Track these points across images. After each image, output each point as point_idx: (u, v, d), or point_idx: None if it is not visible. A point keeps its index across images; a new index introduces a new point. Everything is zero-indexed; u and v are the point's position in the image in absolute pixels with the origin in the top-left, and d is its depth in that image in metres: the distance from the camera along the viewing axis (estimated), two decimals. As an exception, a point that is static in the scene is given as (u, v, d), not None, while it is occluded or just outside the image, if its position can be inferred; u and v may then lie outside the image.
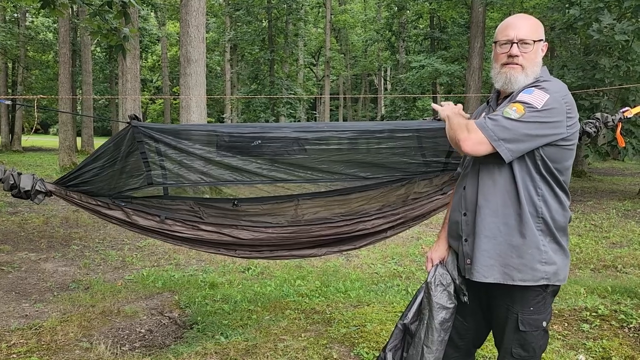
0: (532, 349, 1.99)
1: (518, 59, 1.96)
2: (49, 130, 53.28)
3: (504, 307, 2.01)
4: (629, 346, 3.49)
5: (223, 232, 3.08)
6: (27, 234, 7.42)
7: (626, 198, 11.80)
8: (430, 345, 2.08)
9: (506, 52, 1.98)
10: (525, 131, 1.83)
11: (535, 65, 1.98)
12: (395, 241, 7.03)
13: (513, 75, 1.97)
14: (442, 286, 2.12)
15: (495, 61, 2.04)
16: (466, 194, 2.05)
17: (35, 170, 15.75)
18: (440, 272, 2.15)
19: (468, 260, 2.03)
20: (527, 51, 1.96)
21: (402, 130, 3.23)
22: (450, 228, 2.18)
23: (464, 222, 2.05)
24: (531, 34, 1.97)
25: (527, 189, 1.93)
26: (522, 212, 1.92)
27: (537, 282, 1.94)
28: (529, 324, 1.97)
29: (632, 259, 6.34)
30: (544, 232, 1.95)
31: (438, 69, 21.08)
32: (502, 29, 2.01)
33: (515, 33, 1.96)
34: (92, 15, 6.28)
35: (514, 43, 1.96)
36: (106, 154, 2.94)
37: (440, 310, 2.09)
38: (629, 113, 2.68)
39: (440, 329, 2.09)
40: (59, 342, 3.66)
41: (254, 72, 26.07)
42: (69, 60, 17.93)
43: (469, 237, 2.03)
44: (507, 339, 2.01)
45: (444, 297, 2.10)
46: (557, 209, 1.97)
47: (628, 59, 9.84)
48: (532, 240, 1.93)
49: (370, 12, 36.89)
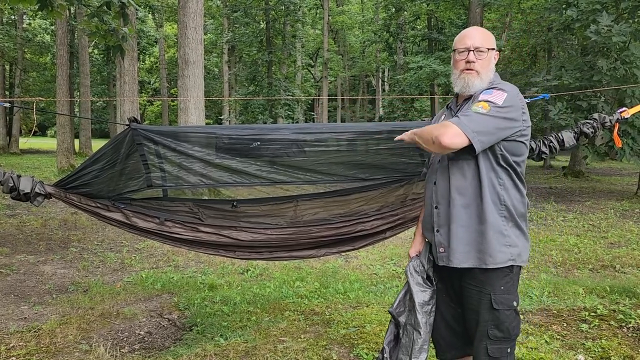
0: (507, 329, 2.13)
1: (474, 65, 2.18)
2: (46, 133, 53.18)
3: (476, 290, 2.17)
4: (627, 346, 3.50)
5: (222, 233, 3.08)
6: (26, 236, 7.41)
7: (624, 198, 11.83)
8: (419, 329, 2.29)
9: (464, 58, 2.20)
10: (493, 124, 2.04)
11: (489, 71, 2.21)
12: (394, 242, 7.04)
13: (470, 80, 2.19)
14: (417, 273, 2.37)
15: (455, 67, 2.26)
16: (437, 189, 2.24)
17: (33, 173, 15.74)
18: (415, 262, 2.41)
19: (442, 249, 2.23)
20: (482, 58, 2.19)
21: (400, 132, 3.23)
22: (424, 221, 2.39)
23: (436, 214, 2.25)
24: (485, 43, 2.20)
25: (490, 180, 2.13)
26: (488, 201, 2.12)
27: (505, 264, 2.13)
28: (501, 302, 2.13)
29: (630, 258, 6.35)
30: (507, 218, 2.14)
31: (436, 70, 21.09)
32: (460, 39, 2.25)
33: (472, 42, 2.20)
34: (90, 17, 6.28)
35: (470, 50, 2.19)
36: (105, 156, 2.94)
37: (419, 294, 2.32)
38: (626, 113, 2.69)
39: (422, 311, 2.30)
40: (58, 344, 3.66)
41: (252, 74, 26.05)
42: (67, 63, 17.92)
43: (441, 228, 2.23)
44: (482, 321, 2.14)
45: (420, 281, 2.35)
46: (517, 196, 2.17)
47: (626, 61, 9.86)
48: (497, 226, 2.12)
49: (367, 13, 36.95)
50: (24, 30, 27.01)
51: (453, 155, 2.15)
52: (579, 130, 3.03)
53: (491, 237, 2.11)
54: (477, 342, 2.16)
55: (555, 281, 5.23)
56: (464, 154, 2.09)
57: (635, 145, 10.12)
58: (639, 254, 6.62)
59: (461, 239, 2.16)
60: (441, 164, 2.25)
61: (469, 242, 2.15)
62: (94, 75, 32.48)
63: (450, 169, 2.19)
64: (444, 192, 2.21)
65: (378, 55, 34.28)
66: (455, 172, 2.17)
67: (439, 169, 2.26)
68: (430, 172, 2.35)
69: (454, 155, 2.14)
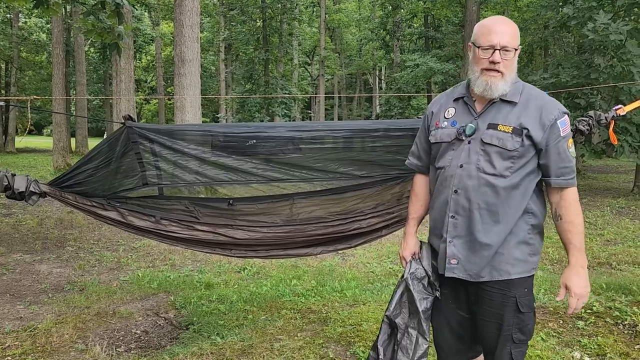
0: (529, 332, 2.07)
1: (499, 66, 1.98)
2: (42, 132, 53.04)
3: (499, 294, 2.05)
4: (623, 343, 3.51)
5: (218, 231, 3.08)
6: (22, 235, 7.39)
7: (620, 195, 11.86)
8: (425, 335, 2.21)
9: (487, 57, 1.99)
10: None
11: (513, 71, 2.04)
12: (391, 240, 7.04)
13: (494, 83, 1.99)
14: (417, 279, 2.25)
15: (475, 63, 2.05)
16: (459, 199, 2.05)
17: (29, 172, 15.69)
18: (414, 267, 2.27)
19: (454, 261, 2.08)
20: (507, 58, 1.99)
21: (396, 129, 3.24)
22: (434, 227, 2.20)
23: (452, 223, 2.07)
24: (512, 41, 2.00)
25: (527, 192, 2.02)
26: (521, 213, 2.02)
27: (529, 274, 2.06)
28: (526, 304, 2.05)
29: (627, 256, 6.37)
30: (533, 227, 2.06)
31: (432, 68, 21.11)
32: (485, 33, 2.01)
33: (499, 40, 1.97)
34: (85, 15, 6.26)
35: (496, 49, 1.97)
36: (101, 154, 2.93)
37: (422, 301, 2.22)
38: (622, 111, 2.69)
39: (424, 317, 2.22)
40: (54, 344, 3.64)
41: (248, 72, 25.99)
42: (63, 61, 17.86)
43: (455, 239, 2.07)
44: (506, 325, 2.04)
45: (421, 288, 2.24)
46: (542, 201, 2.10)
47: (622, 58, 9.88)
48: (524, 237, 2.04)
49: (364, 11, 36.91)
50: (19, 29, 26.89)
51: (489, 169, 2.00)
52: (575, 128, 3.03)
53: (516, 248, 2.02)
54: (501, 347, 2.06)
55: (551, 278, 5.24)
56: (507, 170, 1.99)
57: (633, 142, 10.15)
58: (635, 251, 6.64)
59: (482, 254, 2.02)
60: (465, 171, 2.04)
61: (491, 256, 2.02)
62: (90, 73, 32.37)
63: (480, 180, 2.01)
64: (466, 203, 2.03)
65: (375, 53, 34.26)
66: (485, 186, 2.00)
67: (463, 176, 2.04)
68: (443, 176, 2.12)
69: (489, 168, 2.00)
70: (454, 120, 2.13)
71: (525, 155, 1.99)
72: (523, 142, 1.97)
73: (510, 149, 1.97)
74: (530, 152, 2.00)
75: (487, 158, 2.00)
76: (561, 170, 2.01)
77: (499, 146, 1.98)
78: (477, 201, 2.01)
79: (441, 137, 2.14)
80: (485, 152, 2.01)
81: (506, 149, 1.98)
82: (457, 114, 2.13)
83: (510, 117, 2.01)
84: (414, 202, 2.37)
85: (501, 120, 2.01)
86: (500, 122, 2.01)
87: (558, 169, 2.01)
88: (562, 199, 2.04)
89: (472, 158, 2.03)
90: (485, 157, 2.01)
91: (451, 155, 2.09)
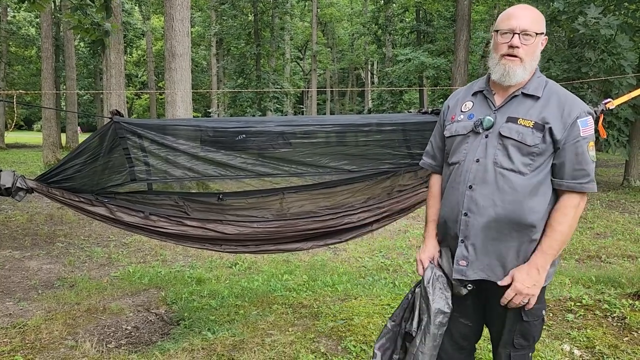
0: (532, 338, 2.03)
1: (518, 51, 1.91)
2: (32, 127, 52.57)
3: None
4: (612, 335, 3.54)
5: (208, 227, 3.06)
6: (11, 231, 7.32)
7: (610, 189, 11.94)
8: (425, 351, 2.03)
9: (507, 42, 1.93)
10: None
11: (534, 60, 1.96)
12: (383, 234, 7.05)
13: (512, 69, 1.93)
14: (440, 290, 2.04)
15: (495, 51, 1.98)
16: (475, 196, 1.94)
17: (19, 168, 15.56)
18: (436, 274, 2.07)
19: (463, 262, 1.98)
20: (528, 43, 1.92)
21: (388, 124, 3.24)
22: (445, 226, 2.08)
23: (464, 222, 1.97)
24: (534, 26, 1.92)
25: (546, 194, 1.93)
26: (540, 217, 1.92)
27: (545, 283, 1.96)
28: (532, 314, 1.98)
29: (616, 249, 6.42)
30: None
31: (424, 62, 21.15)
32: (505, 18, 1.96)
33: (518, 23, 1.91)
34: (73, 10, 6.19)
35: (515, 33, 1.91)
36: (88, 149, 2.90)
37: (438, 315, 2.02)
38: (611, 104, 2.69)
39: (437, 334, 2.03)
40: (44, 340, 3.62)
41: (240, 67, 25.92)
42: (52, 56, 17.68)
43: (467, 239, 1.97)
44: (507, 330, 2.01)
45: (441, 301, 2.03)
46: (555, 200, 1.97)
47: (613, 52, 9.93)
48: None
49: (356, 5, 36.85)
50: (8, 23, 26.61)
51: (507, 165, 1.91)
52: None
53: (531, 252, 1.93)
54: (501, 348, 2.04)
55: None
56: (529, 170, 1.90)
57: (620, 137, 10.22)
58: (624, 244, 6.70)
59: (495, 255, 1.94)
60: (482, 168, 1.95)
61: (504, 259, 1.94)
62: (80, 68, 32.13)
63: (498, 180, 1.92)
64: (484, 203, 1.93)
65: (367, 47, 34.25)
66: (504, 185, 1.91)
67: (479, 173, 1.95)
68: (458, 171, 2.02)
69: (508, 164, 1.91)
70: (471, 114, 2.04)
71: (545, 153, 1.90)
72: (544, 138, 1.88)
73: (530, 144, 1.88)
74: (549, 150, 1.90)
75: (504, 152, 1.91)
76: (576, 172, 1.90)
77: (518, 140, 1.89)
78: (492, 198, 1.91)
79: (456, 130, 2.06)
80: (503, 146, 1.92)
81: (526, 144, 1.89)
82: (475, 107, 2.05)
83: (532, 112, 1.92)
84: (432, 205, 2.23)
85: (522, 114, 1.93)
86: (521, 116, 1.92)
87: (573, 170, 1.90)
88: (561, 200, 1.94)
89: (489, 152, 1.94)
90: (503, 152, 1.91)
91: (466, 149, 2.00)
